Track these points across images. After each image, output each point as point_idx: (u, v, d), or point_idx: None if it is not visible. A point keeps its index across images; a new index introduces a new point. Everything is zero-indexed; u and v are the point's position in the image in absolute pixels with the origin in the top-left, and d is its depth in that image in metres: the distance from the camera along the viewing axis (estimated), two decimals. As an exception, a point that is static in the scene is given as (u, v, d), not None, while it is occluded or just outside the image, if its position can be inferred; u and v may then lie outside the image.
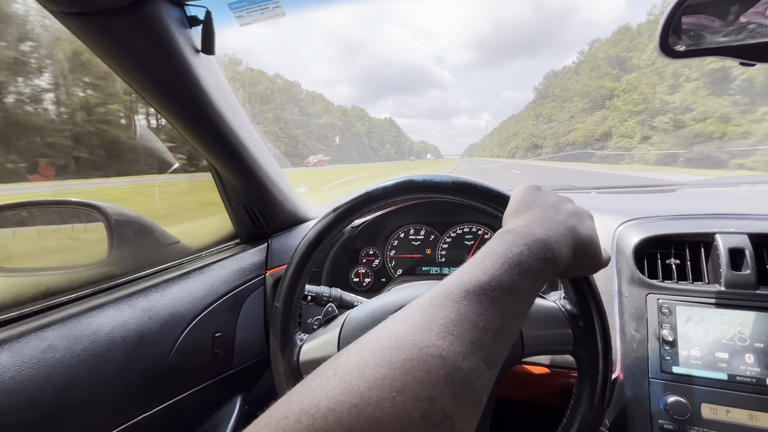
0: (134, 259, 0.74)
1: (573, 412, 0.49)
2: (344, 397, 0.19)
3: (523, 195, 0.43)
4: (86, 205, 0.77)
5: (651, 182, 1.22)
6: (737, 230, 0.64)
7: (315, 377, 0.21)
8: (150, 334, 0.61)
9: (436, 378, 0.21)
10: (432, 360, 0.22)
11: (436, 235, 1.03)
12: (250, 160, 0.75)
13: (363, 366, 0.21)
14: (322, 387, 0.20)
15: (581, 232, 0.38)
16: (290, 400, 0.20)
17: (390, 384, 0.20)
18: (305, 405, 0.19)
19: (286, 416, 0.19)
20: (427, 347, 0.22)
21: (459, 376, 0.22)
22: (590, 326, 0.48)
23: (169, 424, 0.65)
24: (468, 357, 0.23)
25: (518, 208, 0.41)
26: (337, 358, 0.23)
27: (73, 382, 0.50)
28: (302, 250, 0.57)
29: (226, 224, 0.92)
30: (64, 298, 0.57)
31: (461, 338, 0.24)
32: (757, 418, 0.55)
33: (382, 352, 0.22)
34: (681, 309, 0.63)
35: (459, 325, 0.24)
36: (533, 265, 0.31)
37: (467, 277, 0.28)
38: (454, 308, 0.26)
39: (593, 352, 0.48)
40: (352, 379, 0.20)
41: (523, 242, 0.32)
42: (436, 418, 0.20)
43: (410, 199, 0.57)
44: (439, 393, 0.21)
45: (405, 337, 0.23)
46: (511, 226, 0.37)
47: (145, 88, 0.56)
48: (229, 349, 0.77)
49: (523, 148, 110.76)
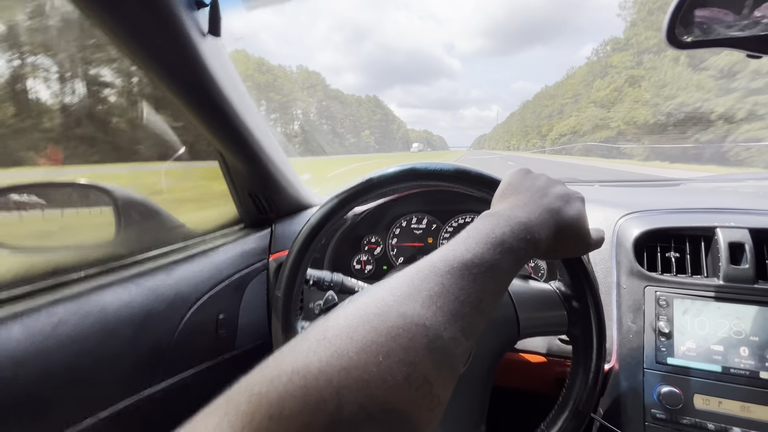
0: (140, 241, 0.75)
1: (568, 393, 0.50)
2: (334, 360, 0.20)
3: (511, 179, 0.44)
4: (94, 188, 0.78)
5: (654, 177, 1.21)
6: (738, 225, 0.64)
7: (304, 340, 0.22)
8: (156, 313, 0.63)
9: (419, 345, 0.23)
10: (416, 328, 0.23)
11: (438, 224, 1.04)
12: (256, 146, 0.75)
13: (351, 331, 0.22)
14: (312, 350, 0.21)
15: (565, 215, 0.39)
16: (282, 361, 0.21)
17: (377, 349, 0.21)
18: (297, 366, 0.20)
19: (279, 375, 0.20)
20: (411, 316, 0.24)
21: (440, 344, 0.24)
22: (584, 307, 0.49)
23: (174, 400, 0.67)
24: (448, 327, 0.25)
25: (505, 192, 0.42)
26: (326, 322, 0.24)
27: (82, 356, 0.52)
28: (304, 235, 0.58)
29: (230, 209, 0.93)
30: (74, 276, 0.59)
31: (443, 309, 0.25)
32: (749, 410, 0.56)
33: (370, 318, 0.23)
34: (678, 302, 0.63)
35: (442, 297, 0.26)
36: (514, 246, 0.32)
37: (452, 254, 0.30)
38: (438, 281, 0.27)
39: (587, 331, 0.49)
40: (342, 343, 0.21)
41: (506, 224, 0.34)
42: (417, 381, 0.22)
43: (412, 186, 0.57)
44: (421, 359, 0.22)
45: (391, 305, 0.24)
46: (496, 209, 0.38)
47: (152, 69, 0.56)
48: (232, 332, 0.79)
49: (537, 139, 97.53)
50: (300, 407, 0.18)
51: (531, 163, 20.69)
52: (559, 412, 0.50)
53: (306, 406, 0.18)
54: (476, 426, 0.56)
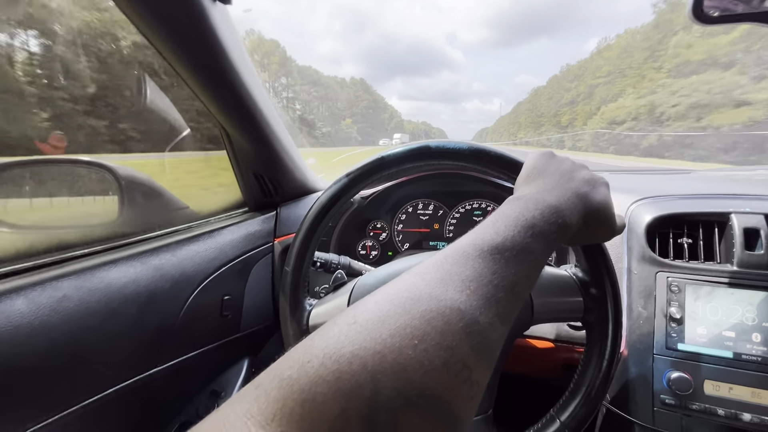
0: (144, 220, 0.74)
1: (580, 378, 0.49)
2: (367, 344, 0.19)
3: (536, 162, 0.42)
4: (97, 165, 0.77)
5: (665, 167, 1.20)
6: (753, 210, 0.63)
7: (334, 325, 0.21)
8: (161, 292, 0.62)
9: (455, 329, 0.22)
10: (450, 312, 0.22)
11: (445, 210, 1.03)
12: (263, 123, 0.74)
13: (383, 315, 0.21)
14: (343, 333, 0.20)
15: (593, 200, 0.38)
16: (311, 345, 0.20)
17: (411, 333, 0.20)
18: (328, 350, 0.19)
19: (310, 360, 0.19)
20: (445, 300, 0.23)
21: (477, 329, 0.23)
22: (602, 293, 0.48)
23: (179, 380, 0.67)
24: (484, 311, 0.24)
25: (530, 175, 0.41)
26: (355, 308, 0.23)
27: (86, 331, 0.51)
28: (314, 215, 0.57)
29: (234, 191, 0.91)
30: (78, 252, 0.58)
31: (477, 293, 0.24)
32: (760, 396, 0.55)
33: (402, 302, 0.22)
34: (690, 288, 0.63)
35: (475, 281, 0.25)
36: (545, 229, 0.31)
37: (481, 238, 0.28)
38: (470, 265, 0.26)
39: (603, 319, 0.48)
40: (374, 327, 0.20)
41: (535, 207, 0.32)
42: (456, 367, 0.21)
43: (424, 166, 0.56)
44: (459, 343, 0.21)
45: (423, 290, 0.23)
46: (522, 192, 0.37)
47: (158, 36, 0.54)
48: (237, 313, 0.79)
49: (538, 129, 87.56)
50: (334, 393, 0.17)
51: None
52: (570, 397, 0.50)
53: (340, 391, 0.18)
54: (484, 410, 0.56)
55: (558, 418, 0.49)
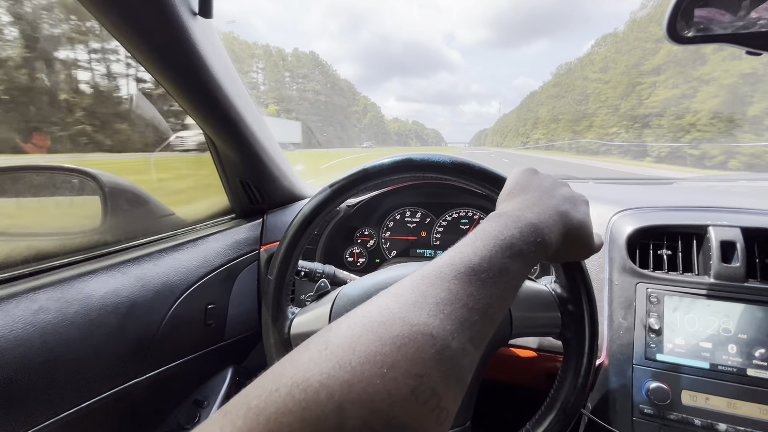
0: (128, 229, 0.73)
1: (556, 393, 0.50)
2: (336, 372, 0.19)
3: (518, 178, 0.43)
4: (79, 172, 0.76)
5: (648, 176, 1.22)
6: (730, 223, 0.64)
7: (306, 350, 0.21)
8: (142, 302, 0.61)
9: (426, 356, 0.22)
10: (423, 338, 0.22)
11: (432, 218, 1.03)
12: (247, 132, 0.74)
13: (354, 341, 0.21)
14: (313, 361, 0.20)
15: (573, 218, 0.38)
16: (281, 373, 0.20)
17: (381, 360, 0.20)
18: (297, 378, 0.19)
19: (278, 389, 0.19)
20: (418, 325, 0.23)
21: (448, 354, 0.23)
22: (579, 311, 0.49)
23: (161, 390, 0.66)
24: (457, 337, 0.24)
25: (512, 191, 0.41)
26: (328, 331, 0.23)
27: (64, 344, 0.51)
28: (297, 225, 0.57)
29: (221, 198, 0.91)
30: (56, 262, 0.57)
31: (451, 317, 0.24)
32: (735, 406, 0.56)
33: (374, 327, 0.22)
34: (669, 299, 0.64)
35: (449, 304, 0.25)
36: (524, 249, 0.31)
37: (459, 258, 0.28)
38: (445, 287, 0.26)
39: (580, 336, 0.49)
40: (344, 354, 0.20)
41: (515, 226, 0.33)
42: (425, 395, 0.21)
43: (408, 178, 0.56)
44: (429, 371, 0.21)
45: (396, 314, 0.23)
46: (504, 209, 0.37)
47: (140, 51, 0.54)
48: (221, 322, 0.78)
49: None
50: (299, 424, 0.17)
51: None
52: (546, 412, 0.50)
53: (305, 422, 0.17)
54: (461, 423, 0.56)
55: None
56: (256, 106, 0.76)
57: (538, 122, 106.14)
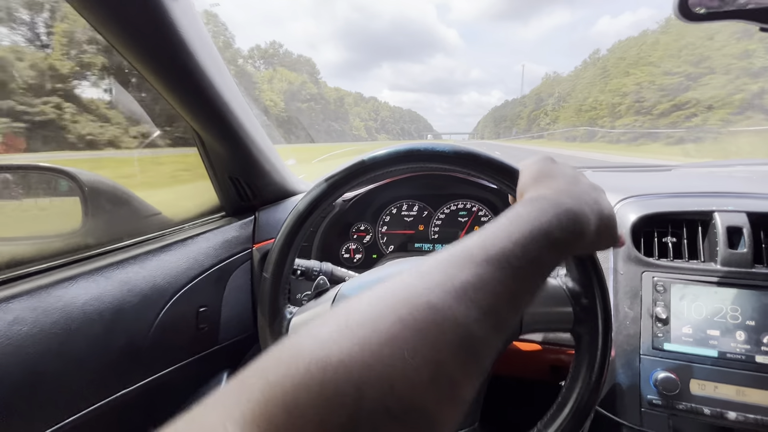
0: (111, 230, 0.69)
1: (568, 392, 0.48)
2: (356, 352, 0.19)
3: (540, 165, 0.40)
4: (57, 171, 0.71)
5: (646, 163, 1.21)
6: (736, 208, 0.63)
7: (325, 325, 0.21)
8: (129, 308, 0.58)
9: (448, 342, 0.21)
10: (446, 323, 0.21)
11: (430, 211, 1.01)
12: (236, 125, 0.69)
13: (376, 319, 0.21)
14: (333, 338, 0.20)
15: (604, 206, 0.37)
16: (299, 347, 0.20)
17: (402, 343, 0.20)
18: (315, 355, 0.19)
19: (296, 364, 0.18)
20: (442, 309, 0.22)
21: (470, 342, 0.22)
22: (592, 305, 0.47)
23: (151, 400, 0.63)
24: (481, 324, 0.23)
25: (538, 177, 0.38)
26: (348, 307, 0.22)
27: (43, 356, 0.47)
28: (292, 222, 0.54)
29: (210, 196, 0.87)
30: (32, 269, 0.53)
31: (477, 303, 0.23)
32: (745, 394, 0.56)
33: (397, 307, 0.21)
34: (676, 287, 0.63)
35: (477, 289, 0.23)
36: (560, 238, 0.29)
37: (491, 241, 0.26)
38: (474, 271, 0.24)
39: (593, 331, 0.47)
40: (365, 334, 0.20)
41: (553, 211, 0.30)
42: (443, 381, 0.20)
43: (408, 169, 0.54)
44: (450, 358, 0.21)
45: (421, 294, 0.22)
46: (538, 192, 0.35)
47: (114, 35, 0.49)
48: (214, 325, 0.75)
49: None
50: (316, 402, 0.17)
51: None
52: (557, 411, 0.48)
53: (323, 400, 0.17)
54: (470, 423, 0.54)
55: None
56: (244, 97, 0.72)
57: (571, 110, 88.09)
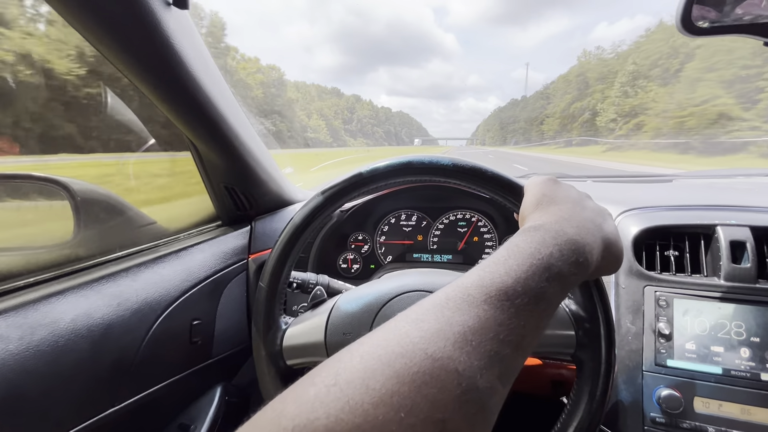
0: (103, 241, 0.68)
1: (568, 419, 0.46)
2: (345, 416, 0.17)
3: (543, 188, 0.39)
4: (49, 181, 0.70)
5: (646, 173, 1.20)
6: (739, 222, 0.62)
7: (312, 385, 0.19)
8: (119, 323, 0.56)
9: (450, 397, 0.19)
10: (446, 375, 0.20)
11: (428, 221, 0.99)
12: (231, 134, 0.68)
13: (368, 376, 0.19)
14: (320, 399, 0.18)
15: (609, 232, 0.35)
16: (282, 412, 0.18)
17: (398, 402, 0.18)
18: (299, 421, 0.17)
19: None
20: (441, 359, 0.20)
21: (474, 396, 0.20)
22: (596, 330, 0.45)
23: (142, 417, 0.61)
24: (485, 374, 0.21)
25: (540, 202, 0.37)
26: (338, 362, 0.20)
27: (29, 375, 0.45)
28: (287, 235, 0.53)
29: (206, 205, 0.86)
30: (19, 283, 0.51)
31: (479, 350, 0.21)
32: (750, 413, 0.54)
33: (391, 360, 0.20)
34: (678, 302, 0.61)
35: (478, 334, 0.22)
36: (563, 270, 0.28)
37: (489, 278, 0.25)
38: (473, 313, 0.22)
39: (596, 357, 0.45)
40: (356, 393, 0.18)
41: (554, 242, 0.29)
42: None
43: (407, 182, 0.52)
44: (452, 415, 0.19)
45: (417, 344, 0.20)
46: (538, 221, 0.33)
47: (107, 45, 0.48)
48: (208, 338, 0.73)
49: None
50: None
51: None
52: None
53: None
54: None
55: None
56: (240, 106, 0.71)
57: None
